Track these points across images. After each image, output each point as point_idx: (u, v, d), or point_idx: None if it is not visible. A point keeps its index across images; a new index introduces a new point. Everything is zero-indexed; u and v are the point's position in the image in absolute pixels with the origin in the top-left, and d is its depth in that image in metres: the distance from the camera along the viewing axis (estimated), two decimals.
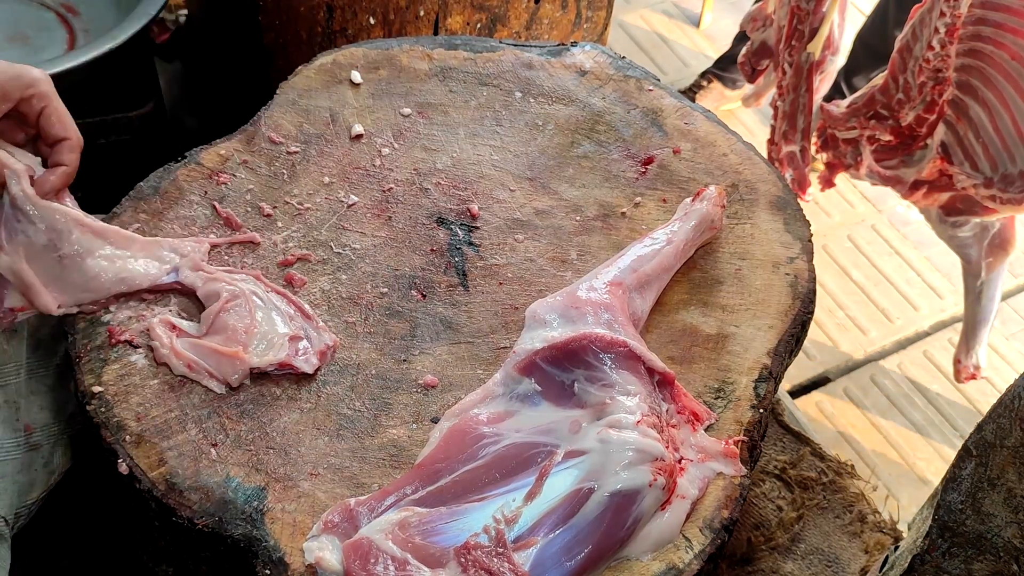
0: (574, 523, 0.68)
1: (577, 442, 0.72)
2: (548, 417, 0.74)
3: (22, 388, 0.81)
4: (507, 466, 0.71)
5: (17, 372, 0.81)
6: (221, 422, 0.75)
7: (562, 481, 0.70)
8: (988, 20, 1.21)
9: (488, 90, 1.02)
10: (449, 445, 0.73)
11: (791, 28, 1.57)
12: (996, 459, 0.63)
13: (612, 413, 0.72)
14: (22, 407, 0.81)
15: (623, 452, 0.70)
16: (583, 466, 0.70)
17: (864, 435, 2.06)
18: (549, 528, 0.68)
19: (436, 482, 0.70)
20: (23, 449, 0.81)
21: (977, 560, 0.65)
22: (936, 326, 2.28)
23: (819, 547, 1.00)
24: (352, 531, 0.67)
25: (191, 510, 0.70)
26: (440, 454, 0.72)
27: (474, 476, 0.71)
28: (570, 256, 0.88)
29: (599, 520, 0.68)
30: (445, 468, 0.71)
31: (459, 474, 0.71)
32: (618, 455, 0.69)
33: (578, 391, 0.75)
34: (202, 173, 0.91)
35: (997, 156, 1.28)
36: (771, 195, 0.94)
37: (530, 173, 0.95)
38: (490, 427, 0.74)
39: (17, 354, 0.82)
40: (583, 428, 0.73)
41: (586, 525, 0.68)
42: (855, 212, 2.51)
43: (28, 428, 0.81)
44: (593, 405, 0.73)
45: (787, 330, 0.84)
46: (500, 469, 0.71)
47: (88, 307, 0.79)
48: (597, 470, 0.70)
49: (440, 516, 0.68)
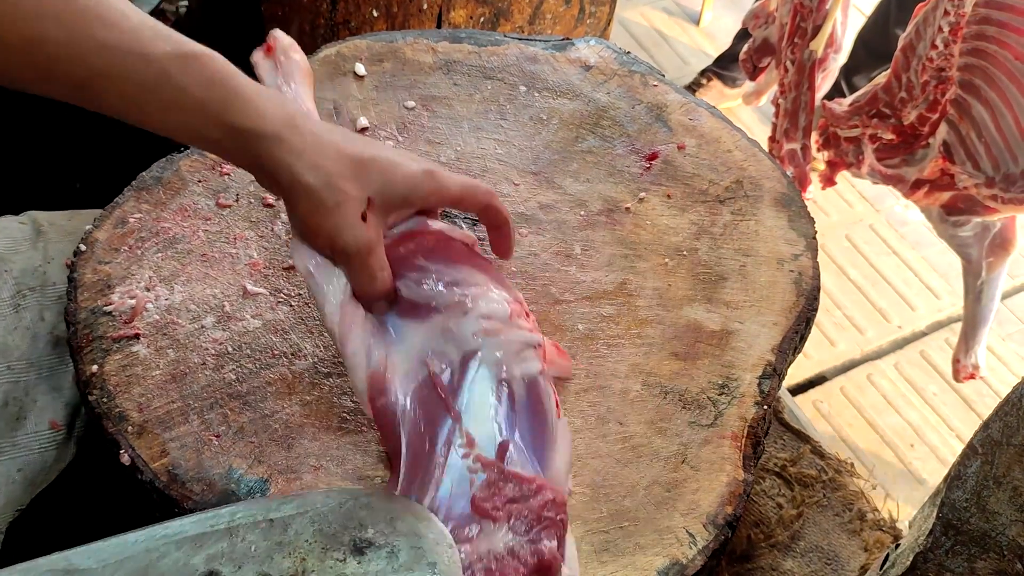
0: (520, 414, 0.69)
1: (461, 346, 0.71)
2: (418, 341, 0.72)
3: (42, 386, 0.81)
4: (429, 410, 0.70)
5: (28, 370, 0.81)
6: (224, 413, 0.74)
7: (480, 386, 0.70)
8: (992, 20, 1.21)
9: (492, 84, 1.02)
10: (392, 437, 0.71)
11: (793, 25, 1.57)
12: (1002, 457, 0.63)
13: (476, 310, 0.72)
14: (41, 404, 0.81)
15: (511, 345, 0.71)
16: (485, 364, 0.71)
17: (861, 434, 2.06)
18: (506, 428, 0.69)
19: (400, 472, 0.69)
20: (49, 447, 0.81)
21: (981, 558, 0.65)
22: (933, 326, 2.29)
23: (819, 544, 1.00)
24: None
25: (193, 501, 0.69)
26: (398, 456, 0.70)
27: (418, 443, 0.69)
28: (574, 251, 0.88)
29: (533, 403, 0.70)
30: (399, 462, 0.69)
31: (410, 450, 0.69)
32: (508, 347, 0.70)
33: (430, 296, 0.73)
34: (205, 164, 0.90)
35: (999, 156, 1.29)
36: (776, 192, 0.94)
37: (534, 167, 0.95)
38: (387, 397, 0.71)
39: (31, 352, 0.81)
40: (457, 331, 0.72)
41: (526, 411, 0.70)
42: (853, 212, 2.51)
43: (55, 425, 0.81)
44: (451, 307, 0.72)
45: (791, 327, 0.84)
46: (426, 418, 0.69)
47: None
48: (497, 364, 0.70)
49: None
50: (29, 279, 0.85)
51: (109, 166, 1.05)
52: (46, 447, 0.81)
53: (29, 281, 0.85)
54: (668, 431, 0.76)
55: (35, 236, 0.89)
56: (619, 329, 0.83)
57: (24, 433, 0.81)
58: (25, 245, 0.87)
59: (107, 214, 0.86)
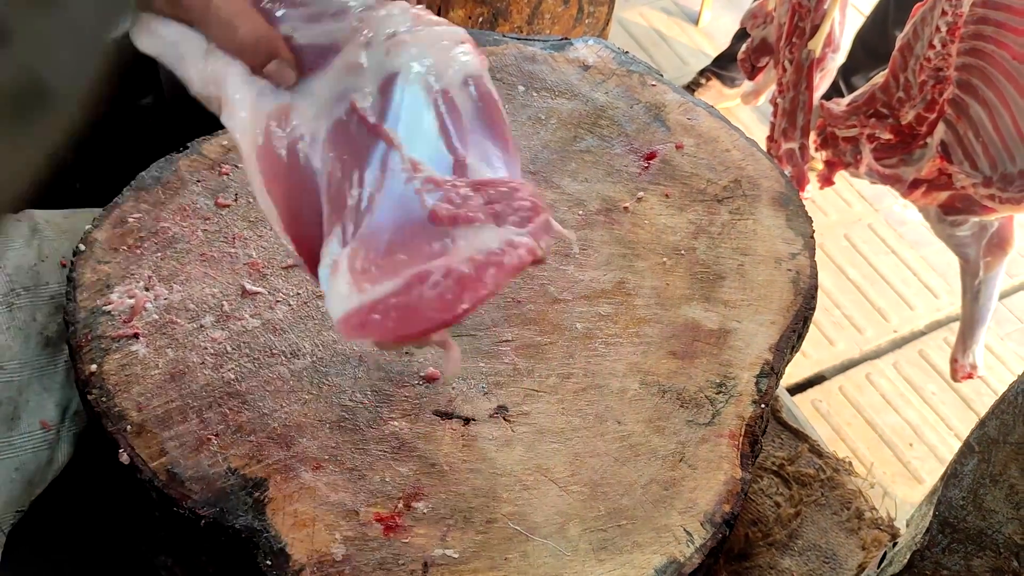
0: (469, 121, 0.58)
1: (377, 74, 0.58)
2: (325, 88, 0.60)
3: (34, 386, 0.81)
4: (352, 150, 0.57)
5: (21, 370, 0.81)
6: (222, 412, 0.75)
7: (412, 106, 0.57)
8: (990, 19, 1.21)
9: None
10: (281, 186, 0.59)
11: (792, 25, 1.57)
12: (999, 455, 0.64)
13: (379, 33, 0.59)
14: (33, 404, 0.81)
15: (435, 49, 0.58)
16: (412, 82, 0.58)
17: (859, 433, 2.06)
18: (459, 146, 0.58)
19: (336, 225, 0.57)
20: (41, 447, 0.81)
21: (977, 556, 0.65)
22: (932, 325, 2.29)
23: (816, 543, 1.00)
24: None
25: (192, 500, 0.69)
26: (291, 203, 0.59)
27: (340, 186, 0.57)
28: (572, 250, 0.88)
29: (484, 111, 0.59)
30: (308, 216, 0.58)
31: (330, 195, 0.58)
32: (433, 52, 0.58)
33: (320, 35, 0.60)
34: (204, 164, 0.90)
35: (997, 155, 1.29)
36: (774, 191, 0.94)
37: (533, 167, 0.95)
38: (288, 137, 0.59)
39: (23, 352, 0.81)
40: (367, 62, 0.59)
41: (477, 120, 0.59)
42: (852, 211, 2.51)
43: (45, 425, 0.81)
44: (347, 40, 0.60)
45: (789, 326, 0.84)
46: (350, 155, 0.57)
47: None
48: (425, 78, 0.58)
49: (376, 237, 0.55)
50: (23, 277, 0.85)
51: (109, 166, 1.05)
52: (39, 447, 0.81)
53: (23, 280, 0.85)
54: (666, 430, 0.77)
55: (30, 234, 0.89)
56: (617, 328, 0.83)
57: (19, 433, 0.81)
58: (19, 242, 0.87)
59: (106, 214, 0.86)
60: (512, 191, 0.56)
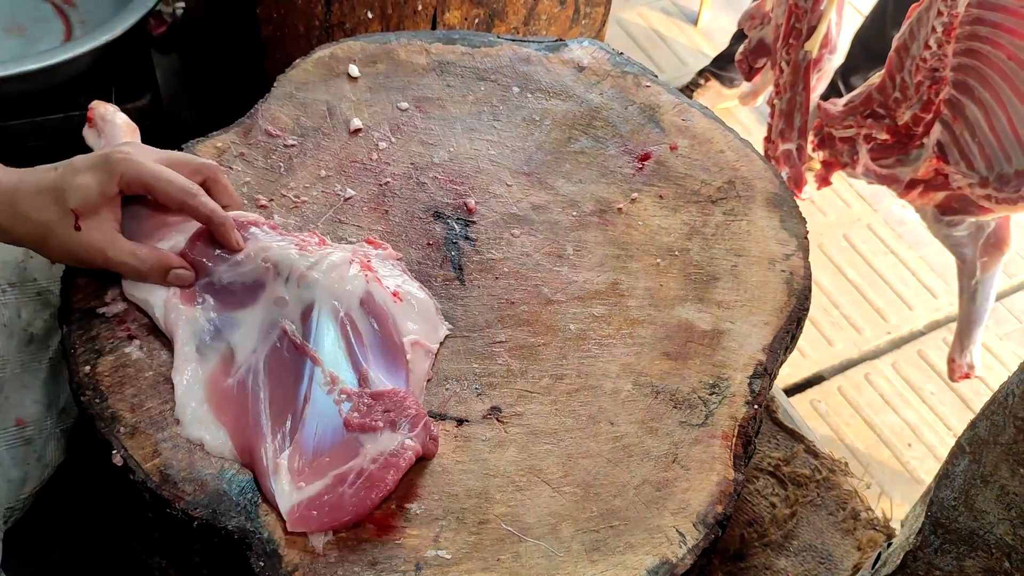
0: (369, 346, 0.74)
1: (296, 305, 0.75)
2: (256, 319, 0.76)
3: (14, 383, 0.81)
4: (286, 368, 0.73)
5: (3, 367, 0.81)
6: None
7: (326, 331, 0.73)
8: (985, 20, 1.21)
9: (486, 85, 1.02)
10: (230, 412, 0.74)
11: (789, 26, 1.57)
12: (989, 456, 0.64)
13: (285, 270, 0.75)
14: (12, 401, 0.81)
15: (333, 280, 0.74)
16: (323, 311, 0.74)
17: (858, 433, 2.06)
18: (362, 361, 0.73)
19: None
20: (16, 444, 0.81)
21: (969, 557, 0.65)
22: (930, 325, 2.29)
23: (812, 544, 1.00)
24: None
25: (185, 502, 0.69)
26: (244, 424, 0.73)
27: (281, 397, 0.73)
28: (566, 251, 0.89)
29: (381, 333, 0.75)
30: (257, 431, 0.72)
31: (273, 406, 0.73)
32: (333, 282, 0.74)
33: (240, 277, 0.77)
34: None
35: (993, 156, 1.29)
36: (767, 192, 0.94)
37: (527, 168, 0.95)
38: (235, 377, 0.74)
39: (6, 349, 0.81)
40: (287, 295, 0.75)
41: (375, 339, 0.75)
42: (851, 211, 2.52)
43: (20, 422, 0.81)
44: (264, 277, 0.77)
45: (782, 326, 0.84)
46: (286, 373, 0.73)
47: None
48: (332, 302, 0.74)
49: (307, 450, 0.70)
50: (9, 273, 0.85)
51: None
52: (12, 443, 0.81)
53: (9, 275, 0.85)
54: (659, 431, 0.77)
55: None
56: (611, 329, 0.83)
57: (3, 428, 0.81)
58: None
59: None
60: (402, 400, 0.71)
